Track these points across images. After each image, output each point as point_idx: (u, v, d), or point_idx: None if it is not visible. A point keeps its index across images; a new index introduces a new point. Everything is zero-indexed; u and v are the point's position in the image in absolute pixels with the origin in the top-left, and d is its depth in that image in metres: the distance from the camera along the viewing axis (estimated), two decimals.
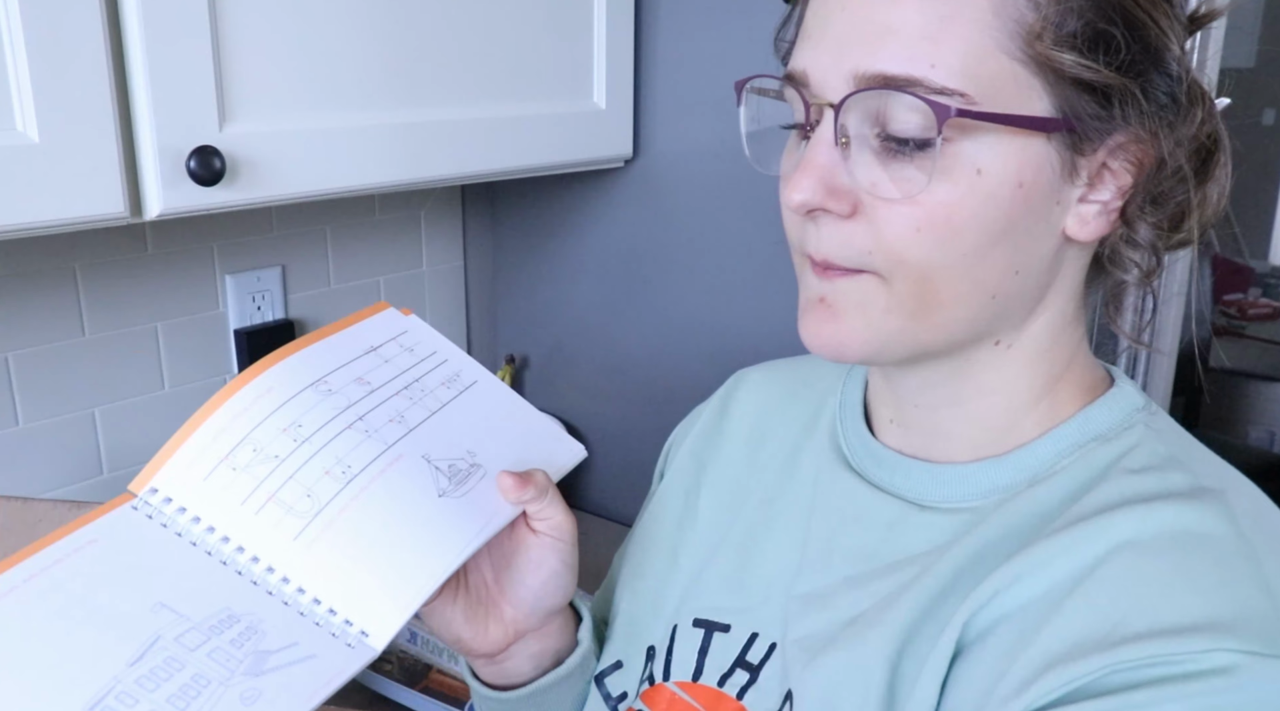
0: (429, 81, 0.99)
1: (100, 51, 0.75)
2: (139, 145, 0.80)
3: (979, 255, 0.48)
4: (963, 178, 0.46)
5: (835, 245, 0.49)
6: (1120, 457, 0.51)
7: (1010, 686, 0.45)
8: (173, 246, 1.18)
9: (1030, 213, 0.48)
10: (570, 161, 1.17)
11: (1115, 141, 0.48)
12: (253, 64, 0.85)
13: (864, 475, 0.59)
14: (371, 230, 1.40)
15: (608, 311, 1.37)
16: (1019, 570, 0.48)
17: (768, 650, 0.58)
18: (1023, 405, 0.54)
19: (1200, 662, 0.41)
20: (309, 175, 0.91)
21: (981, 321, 0.51)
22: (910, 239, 0.47)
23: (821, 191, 0.48)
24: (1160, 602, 0.44)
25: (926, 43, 0.45)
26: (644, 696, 0.62)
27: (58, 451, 1.13)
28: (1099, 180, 0.49)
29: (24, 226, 0.74)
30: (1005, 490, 0.53)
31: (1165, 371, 1.14)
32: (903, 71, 0.45)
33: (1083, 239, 0.50)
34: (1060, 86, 0.46)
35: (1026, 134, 0.46)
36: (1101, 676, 0.42)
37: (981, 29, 0.45)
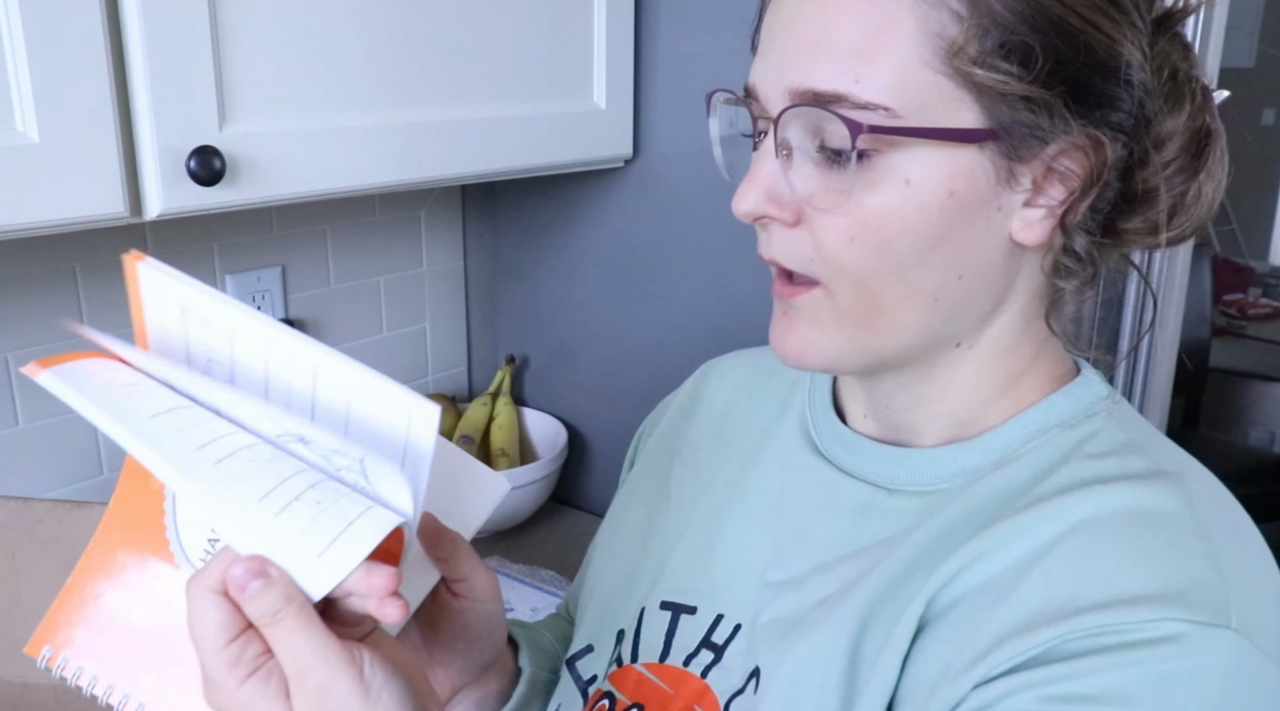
0: (429, 81, 0.99)
1: (100, 51, 0.75)
2: (139, 145, 0.80)
3: (915, 262, 0.49)
4: (892, 188, 0.48)
5: (784, 250, 0.52)
6: (1082, 443, 0.53)
7: (970, 657, 0.46)
8: (173, 246, 1.18)
9: (965, 220, 0.49)
10: (570, 161, 1.17)
11: (1054, 150, 0.49)
12: (253, 64, 0.85)
13: (833, 461, 0.60)
14: (371, 230, 1.40)
15: (608, 311, 1.37)
16: (981, 548, 0.49)
17: (732, 631, 0.59)
18: (988, 399, 0.56)
19: (1149, 631, 0.43)
20: (309, 175, 0.91)
21: (931, 326, 0.52)
22: (845, 247, 0.49)
23: (765, 200, 0.51)
24: (1113, 575, 0.45)
25: (855, 60, 0.47)
26: (612, 677, 0.63)
27: (58, 451, 1.13)
28: (1047, 183, 0.50)
29: (24, 226, 0.74)
30: (971, 473, 0.54)
31: (1165, 371, 1.14)
32: (829, 87, 0.47)
33: (1029, 243, 0.51)
34: (986, 98, 0.47)
35: (954, 145, 0.48)
36: (1055, 645, 0.44)
37: (907, 46, 0.47)
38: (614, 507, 0.74)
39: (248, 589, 0.41)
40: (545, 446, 1.46)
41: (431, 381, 1.55)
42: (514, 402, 1.49)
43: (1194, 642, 0.42)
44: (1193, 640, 0.42)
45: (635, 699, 0.61)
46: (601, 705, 0.62)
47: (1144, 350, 1.11)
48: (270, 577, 0.42)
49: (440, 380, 1.56)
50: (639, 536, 0.69)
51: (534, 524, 1.40)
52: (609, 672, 0.63)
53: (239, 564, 0.42)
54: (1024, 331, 0.55)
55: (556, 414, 1.48)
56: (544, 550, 1.35)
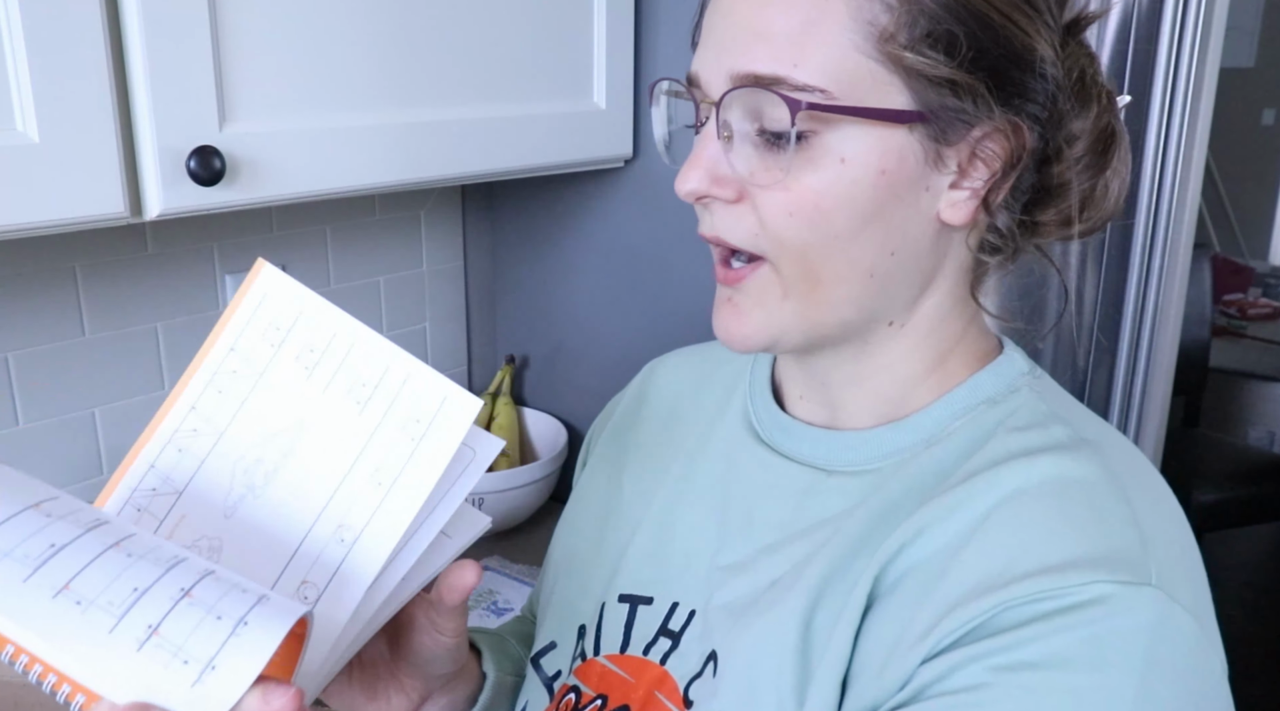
0: (429, 81, 0.99)
1: (100, 51, 0.75)
2: (139, 145, 0.80)
3: (851, 236, 0.52)
4: (828, 166, 0.51)
5: (726, 225, 0.54)
6: (1006, 417, 0.56)
7: (916, 632, 0.49)
8: (173, 246, 1.19)
9: (896, 198, 0.52)
10: (570, 161, 1.17)
11: (978, 133, 0.52)
12: (253, 64, 0.85)
13: (774, 447, 0.63)
14: (371, 230, 1.40)
15: (608, 311, 1.37)
16: (920, 524, 0.52)
17: (688, 617, 0.61)
18: (916, 376, 0.58)
19: (1080, 594, 0.46)
20: (309, 175, 0.91)
21: (865, 300, 0.55)
22: (785, 222, 0.52)
23: (708, 180, 0.54)
24: (1043, 543, 0.48)
25: (792, 46, 0.50)
26: (576, 672, 0.64)
27: (58, 451, 1.13)
28: (971, 168, 0.53)
29: (24, 226, 0.74)
30: (904, 451, 0.57)
31: (1165, 371, 1.14)
32: (769, 71, 0.50)
33: (954, 223, 0.54)
34: (914, 82, 0.50)
35: (885, 125, 0.51)
36: (994, 614, 0.46)
37: (841, 32, 0.50)
38: (568, 508, 0.76)
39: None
40: (545, 446, 1.46)
41: None
42: (514, 402, 1.49)
43: (1120, 602, 0.45)
44: (1119, 599, 0.46)
45: (599, 690, 0.62)
46: (568, 700, 0.63)
47: (1144, 350, 1.11)
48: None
49: None
50: (594, 534, 0.70)
51: (534, 524, 1.40)
52: (573, 667, 0.65)
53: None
54: (951, 310, 0.58)
55: (556, 414, 1.48)
56: (544, 550, 1.34)
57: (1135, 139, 1.03)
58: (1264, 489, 2.48)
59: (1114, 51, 1.00)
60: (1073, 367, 1.09)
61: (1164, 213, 1.05)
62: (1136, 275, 1.07)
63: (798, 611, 0.54)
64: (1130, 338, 1.10)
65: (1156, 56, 1.00)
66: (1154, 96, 1.01)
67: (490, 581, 1.26)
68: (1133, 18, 0.99)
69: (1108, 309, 1.08)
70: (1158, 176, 1.04)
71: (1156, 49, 1.00)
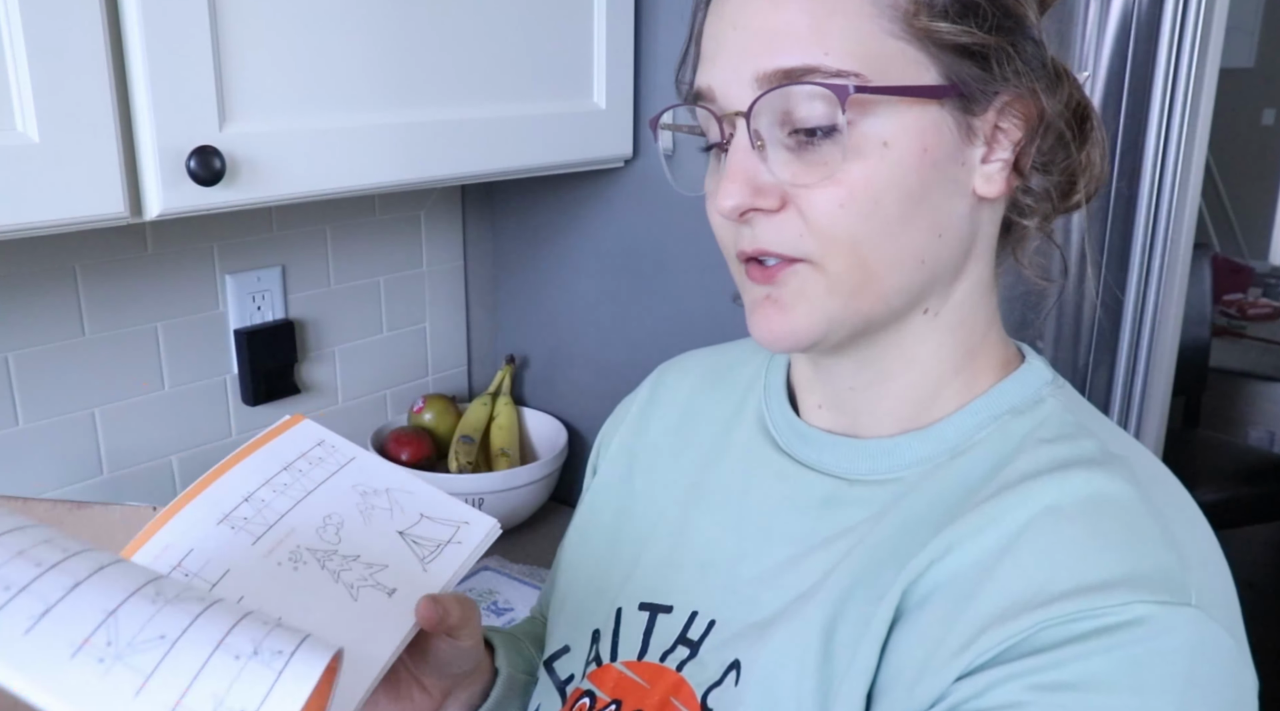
0: (429, 81, 0.99)
1: (100, 51, 0.75)
2: (139, 145, 0.80)
3: (902, 222, 0.52)
4: (872, 152, 0.51)
5: (771, 236, 0.53)
6: (1034, 428, 0.55)
7: (950, 649, 0.48)
8: (173, 246, 1.18)
9: (939, 175, 0.52)
10: (570, 161, 1.17)
11: (1001, 101, 0.53)
12: (253, 64, 0.85)
13: (793, 455, 0.62)
14: (371, 230, 1.40)
15: (608, 311, 1.37)
16: (951, 539, 0.51)
17: (707, 626, 0.60)
18: (945, 374, 0.58)
19: (1120, 615, 0.45)
20: (309, 175, 0.91)
21: (915, 287, 0.55)
22: (836, 215, 0.51)
23: (749, 193, 0.52)
24: (1081, 562, 0.47)
25: (816, 36, 0.50)
26: (592, 676, 0.64)
27: (58, 451, 1.13)
28: (995, 140, 0.54)
29: (24, 226, 0.74)
30: (928, 461, 0.56)
31: (1165, 371, 1.14)
32: (800, 63, 0.50)
33: (990, 195, 0.54)
34: (943, 56, 0.51)
35: (921, 103, 0.51)
36: (1032, 633, 0.46)
37: (863, 17, 0.50)
38: (580, 513, 0.75)
39: None
40: (545, 446, 1.46)
41: (431, 381, 1.55)
42: (514, 402, 1.49)
43: (1160, 622, 0.45)
44: (1159, 620, 0.45)
45: (614, 695, 0.62)
46: (582, 703, 0.63)
47: (1144, 350, 1.11)
48: None
49: (440, 380, 1.56)
50: (608, 539, 0.70)
51: (534, 524, 1.40)
52: (588, 672, 0.65)
53: None
54: (981, 300, 0.58)
55: (556, 414, 1.48)
56: (544, 550, 1.35)
57: (1135, 139, 1.03)
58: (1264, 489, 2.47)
59: (1114, 51, 1.00)
60: (1073, 368, 1.09)
61: (1164, 213, 1.05)
62: (1136, 275, 1.07)
63: (819, 622, 0.53)
64: (1130, 338, 1.10)
65: (1156, 56, 1.00)
66: (1154, 96, 1.01)
67: (490, 581, 1.26)
68: (1133, 18, 0.99)
69: (1108, 309, 1.08)
70: (1158, 177, 1.04)
71: (1156, 49, 1.00)
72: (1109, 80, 1.00)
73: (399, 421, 1.45)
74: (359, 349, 1.43)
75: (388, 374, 1.48)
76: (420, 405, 1.44)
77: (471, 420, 1.43)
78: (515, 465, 1.42)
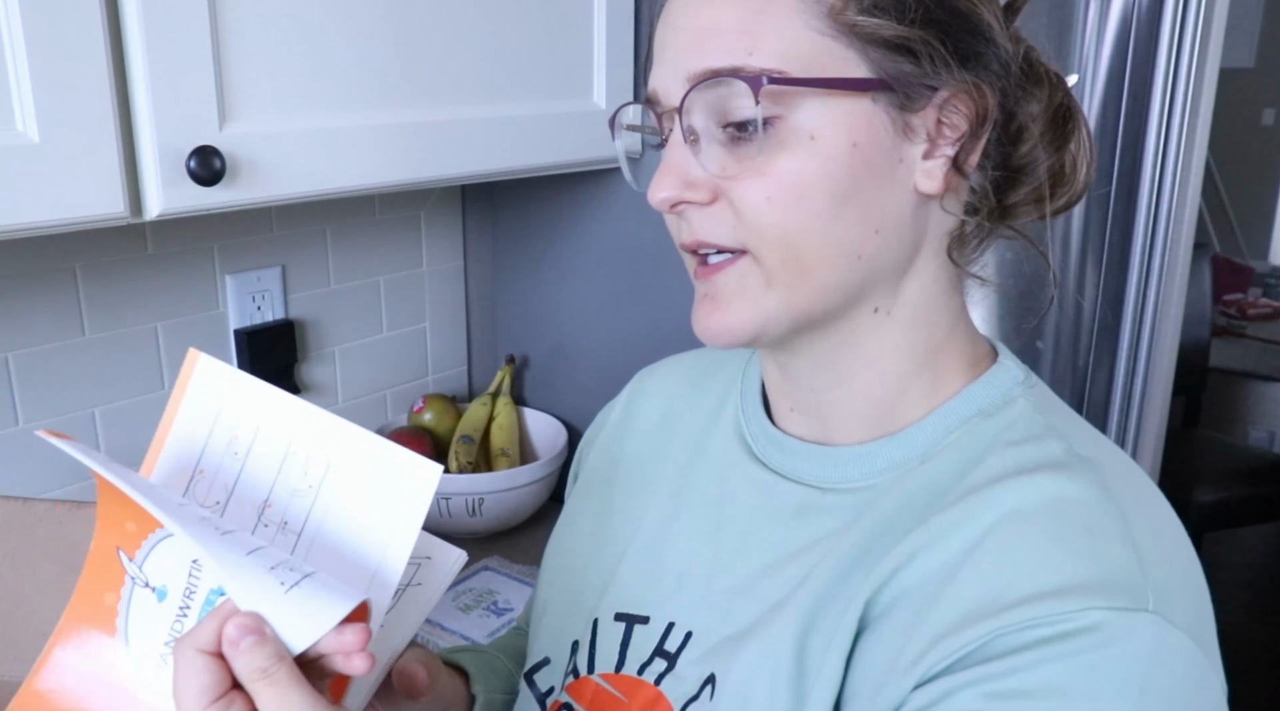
0: (429, 81, 0.99)
1: (100, 51, 0.75)
2: (139, 145, 0.80)
3: (833, 216, 0.52)
4: (799, 146, 0.51)
5: (705, 227, 0.54)
6: (1002, 431, 0.55)
7: (909, 657, 0.48)
8: (173, 246, 1.19)
9: (872, 171, 0.52)
10: (570, 161, 1.17)
11: (941, 97, 0.52)
12: (253, 64, 0.85)
13: (768, 464, 0.62)
14: (371, 230, 1.40)
15: (608, 311, 1.37)
16: (915, 546, 0.51)
17: (684, 638, 0.60)
18: (907, 374, 0.57)
19: (1076, 621, 0.45)
20: (309, 175, 0.91)
21: (853, 283, 0.54)
22: (764, 208, 0.52)
23: (680, 186, 0.53)
24: (1039, 567, 0.47)
25: (745, 36, 0.50)
26: (569, 689, 0.64)
27: (58, 451, 1.12)
28: (940, 136, 0.53)
29: (24, 226, 0.74)
30: (899, 467, 0.56)
31: (1165, 371, 1.14)
32: (725, 63, 0.51)
33: (931, 192, 0.54)
34: (871, 51, 0.51)
35: (850, 97, 0.51)
36: (988, 641, 0.46)
37: (791, 15, 0.50)
38: (561, 521, 0.75)
39: (242, 644, 0.43)
40: (545, 446, 1.46)
41: (431, 381, 1.55)
42: (514, 402, 1.49)
43: (1116, 629, 0.45)
44: (1115, 626, 0.45)
45: (592, 708, 0.61)
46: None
47: (1144, 350, 1.11)
48: (265, 635, 0.44)
49: (440, 380, 1.56)
50: (586, 549, 0.70)
51: (534, 524, 1.40)
52: (566, 684, 0.64)
53: (236, 620, 0.44)
54: (937, 298, 0.57)
55: (556, 414, 1.48)
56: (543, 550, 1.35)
57: (1135, 139, 1.03)
58: (1264, 489, 2.48)
59: (1114, 51, 1.00)
60: (1073, 368, 1.09)
61: (1164, 213, 1.05)
62: (1136, 275, 1.07)
63: (791, 634, 0.53)
64: (1130, 338, 1.10)
65: (1156, 56, 1.00)
66: (1154, 96, 1.01)
67: (490, 581, 1.26)
68: (1133, 18, 0.99)
69: (1108, 309, 1.08)
70: (1158, 176, 1.04)
71: (1156, 49, 1.00)
72: (1109, 80, 1.00)
73: (399, 421, 1.45)
74: (359, 349, 1.43)
75: (388, 374, 1.48)
76: (420, 405, 1.44)
77: (471, 420, 1.43)
78: (515, 465, 1.42)
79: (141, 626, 0.51)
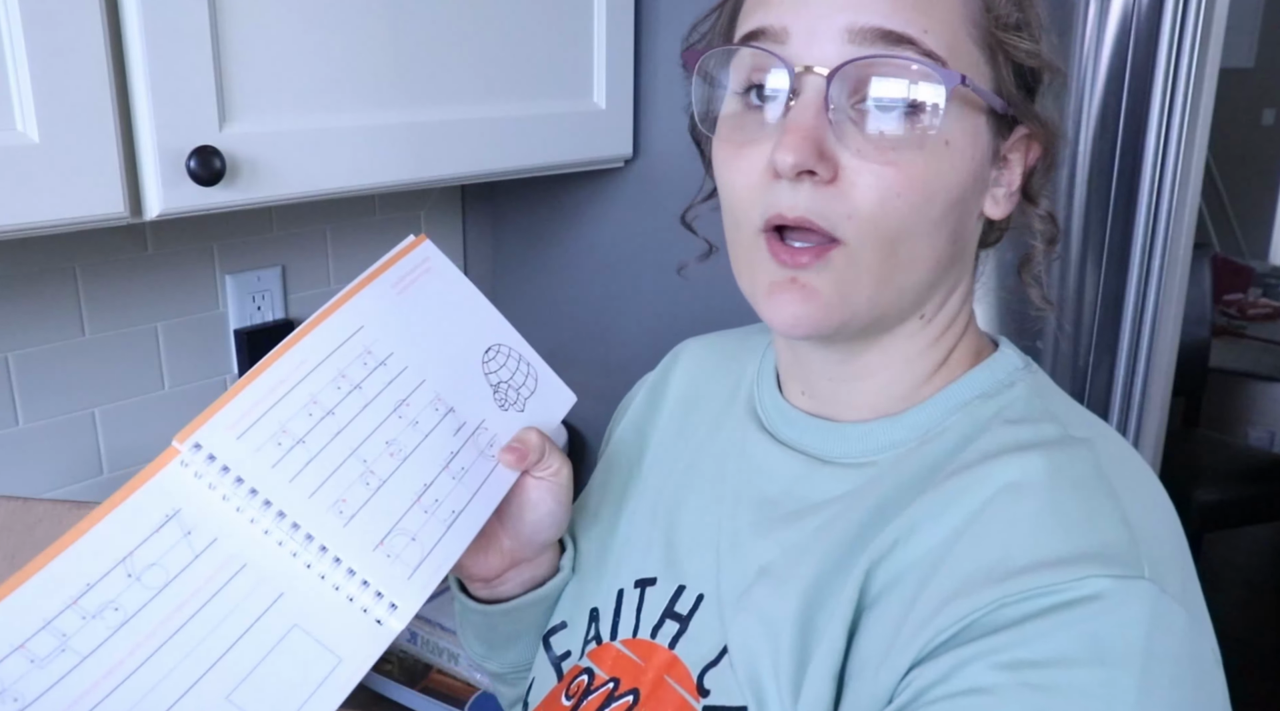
0: (429, 81, 0.99)
1: (100, 51, 0.75)
2: (139, 145, 0.80)
3: (938, 223, 0.52)
4: (936, 147, 0.50)
5: (818, 207, 0.50)
6: (1000, 410, 0.56)
7: (911, 627, 0.48)
8: (173, 246, 1.18)
9: (974, 186, 0.53)
10: (570, 161, 1.17)
11: (1020, 131, 0.53)
12: (253, 64, 0.85)
13: (774, 434, 0.63)
14: (371, 230, 1.40)
15: (608, 311, 1.37)
16: (914, 519, 0.52)
17: (695, 601, 0.61)
18: (925, 375, 0.58)
19: (1078, 590, 0.46)
20: (309, 175, 0.91)
21: (924, 289, 0.55)
22: (890, 204, 0.49)
23: (815, 154, 0.48)
24: (1037, 538, 0.48)
25: (916, 10, 0.48)
26: (591, 655, 0.65)
27: (58, 451, 1.13)
28: (1005, 165, 0.55)
29: (24, 226, 0.74)
30: (899, 446, 0.57)
31: (1165, 371, 1.14)
32: (901, 29, 0.47)
33: (996, 217, 0.56)
34: (999, 71, 0.51)
35: (981, 113, 0.51)
36: (991, 611, 0.46)
37: (955, 8, 0.49)
38: (590, 485, 0.76)
39: None
40: None
41: None
42: None
43: (1117, 596, 0.46)
44: (1115, 594, 0.46)
45: (613, 674, 0.62)
46: (580, 680, 0.64)
47: (1144, 350, 1.11)
48: None
49: None
50: (611, 517, 0.71)
51: None
52: (587, 650, 0.65)
53: None
54: (963, 306, 0.59)
55: None
56: None
57: (1135, 139, 1.03)
58: (1264, 489, 2.48)
59: (1114, 51, 1.00)
60: (1073, 368, 1.09)
61: (1164, 213, 1.05)
62: (1136, 275, 1.07)
63: (793, 606, 0.54)
64: (1130, 338, 1.10)
65: (1156, 56, 1.00)
66: (1154, 96, 1.01)
67: None
68: (1133, 18, 0.99)
69: (1108, 309, 1.08)
70: (1158, 176, 1.04)
71: (1156, 49, 1.00)
72: (1109, 80, 1.00)
73: None
74: None
75: None
76: None
77: None
78: None
79: None
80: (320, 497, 0.54)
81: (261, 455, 0.54)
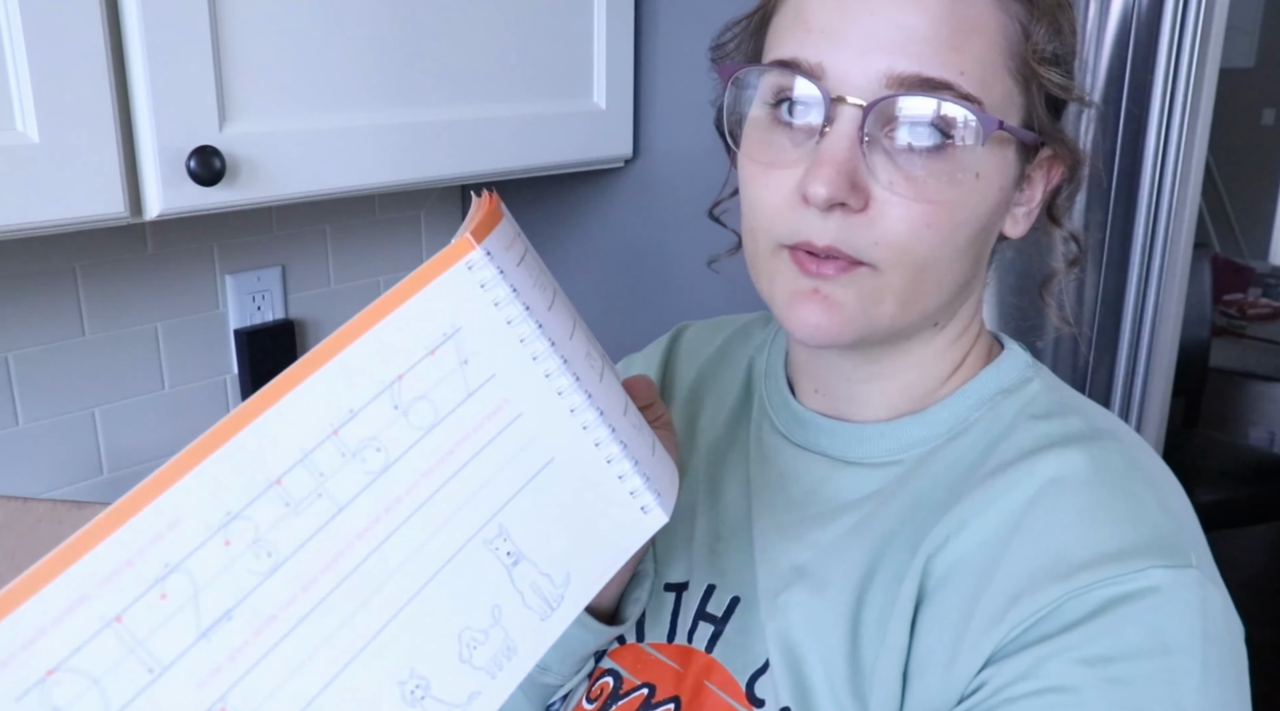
0: (429, 81, 0.99)
1: (100, 51, 0.75)
2: (139, 145, 0.80)
3: (967, 250, 0.53)
4: (966, 180, 0.51)
5: (846, 235, 0.50)
6: (1024, 406, 0.57)
7: (981, 624, 0.49)
8: (173, 246, 1.18)
9: (999, 214, 0.54)
10: (570, 161, 1.17)
11: (1045, 153, 0.55)
12: (253, 64, 0.85)
13: (789, 437, 0.63)
14: (371, 230, 1.40)
15: (608, 311, 1.37)
16: (963, 515, 0.52)
17: (729, 603, 0.60)
18: (941, 375, 0.59)
19: (1138, 581, 0.47)
20: (309, 175, 0.91)
21: (944, 305, 0.56)
22: (920, 235, 0.50)
23: (846, 186, 0.49)
24: (1092, 532, 0.49)
25: (954, 52, 0.49)
26: (613, 655, 0.64)
27: (58, 451, 1.13)
28: (1027, 184, 0.56)
29: (24, 226, 0.74)
30: (923, 443, 0.58)
31: (1165, 371, 1.14)
32: (939, 75, 0.48)
33: (1014, 236, 0.57)
34: (1030, 99, 0.52)
35: (1010, 143, 0.52)
36: (1060, 604, 0.48)
37: (992, 44, 0.49)
38: None
39: None
40: None
41: None
42: None
43: (1172, 587, 0.47)
44: (1171, 585, 0.47)
45: (643, 678, 0.61)
46: (605, 682, 0.63)
47: (1144, 350, 1.11)
48: None
49: None
50: None
51: None
52: (609, 650, 0.64)
53: None
54: (976, 312, 0.60)
55: None
56: None
57: (1135, 139, 1.03)
58: (1264, 489, 2.47)
59: (1114, 51, 1.00)
60: (1073, 368, 1.09)
61: (1164, 213, 1.05)
62: (1136, 275, 1.07)
63: (842, 607, 0.54)
64: (1130, 338, 1.10)
65: (1156, 56, 1.00)
66: (1154, 96, 1.01)
67: None
68: (1133, 18, 0.99)
69: (1108, 309, 1.08)
70: (1158, 176, 1.04)
71: (1156, 49, 1.00)
72: (1109, 80, 1.00)
73: None
74: None
75: None
76: None
77: None
78: None
79: None
80: (589, 362, 0.45)
81: (536, 293, 0.42)
